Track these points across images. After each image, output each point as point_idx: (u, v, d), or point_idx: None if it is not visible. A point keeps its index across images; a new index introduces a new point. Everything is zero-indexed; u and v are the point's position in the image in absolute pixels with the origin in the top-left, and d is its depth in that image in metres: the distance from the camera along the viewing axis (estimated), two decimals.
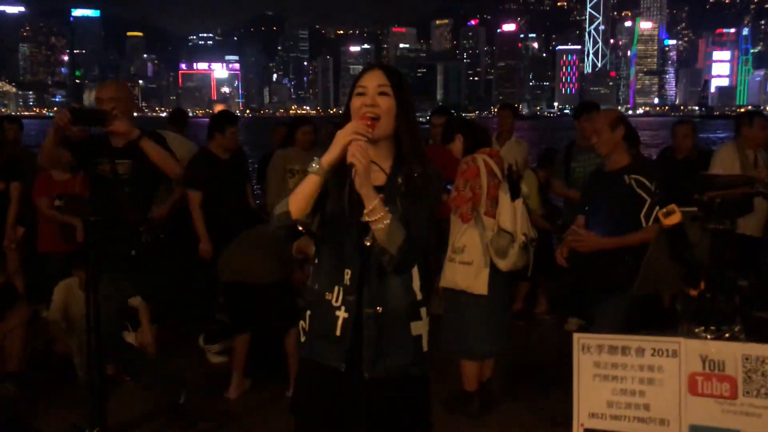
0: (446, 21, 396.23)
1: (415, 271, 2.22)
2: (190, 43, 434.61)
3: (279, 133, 6.86)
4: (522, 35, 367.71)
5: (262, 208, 6.27)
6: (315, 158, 2.09)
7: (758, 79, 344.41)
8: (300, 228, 2.15)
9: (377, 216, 2.02)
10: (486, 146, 4.24)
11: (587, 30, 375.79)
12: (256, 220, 4.94)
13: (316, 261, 2.27)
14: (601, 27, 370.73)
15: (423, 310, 2.23)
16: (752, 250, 5.65)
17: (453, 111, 9.28)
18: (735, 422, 2.04)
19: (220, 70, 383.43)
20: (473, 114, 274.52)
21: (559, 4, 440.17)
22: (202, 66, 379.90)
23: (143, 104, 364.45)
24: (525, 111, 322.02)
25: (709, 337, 2.13)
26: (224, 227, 5.20)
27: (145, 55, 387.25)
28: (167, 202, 5.70)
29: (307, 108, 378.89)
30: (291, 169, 5.76)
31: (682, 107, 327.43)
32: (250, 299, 4.47)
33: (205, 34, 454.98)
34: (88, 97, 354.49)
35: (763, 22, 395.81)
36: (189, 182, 5.29)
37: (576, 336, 2.20)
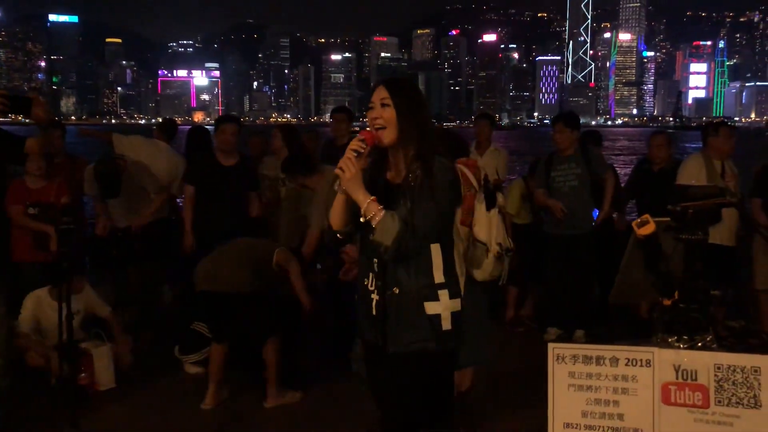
0: (428, 31, 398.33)
1: (436, 256, 2.47)
2: (169, 50, 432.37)
3: (255, 143, 6.90)
4: (503, 46, 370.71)
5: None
6: (338, 183, 2.46)
7: (734, 90, 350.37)
8: (339, 236, 2.58)
9: (370, 215, 2.35)
10: (463, 156, 4.24)
11: (567, 41, 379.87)
12: (253, 230, 4.93)
13: (361, 253, 2.63)
14: (581, 38, 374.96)
15: (443, 292, 2.46)
16: (724, 259, 5.67)
17: (434, 120, 9.36)
18: (707, 431, 2.05)
19: (199, 78, 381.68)
20: (454, 123, 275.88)
21: (539, 15, 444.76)
22: (181, 73, 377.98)
23: (122, 111, 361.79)
24: (506, 121, 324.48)
25: (682, 346, 2.14)
26: (215, 229, 5.22)
27: (123, 62, 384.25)
28: (146, 212, 5.67)
29: (288, 116, 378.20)
30: (267, 175, 5.80)
31: (660, 117, 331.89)
32: (225, 309, 4.45)
33: (185, 41, 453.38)
34: (65, 104, 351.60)
35: (738, 35, 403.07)
36: (185, 176, 5.67)
37: (551, 346, 2.21)
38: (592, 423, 2.14)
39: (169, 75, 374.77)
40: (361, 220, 2.39)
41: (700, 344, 2.14)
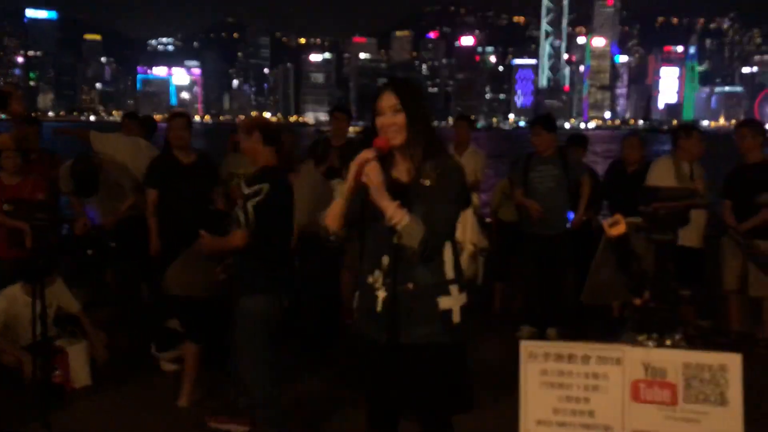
0: (406, 32, 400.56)
1: (447, 253, 2.57)
2: (149, 48, 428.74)
3: (234, 140, 6.59)
4: (480, 49, 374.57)
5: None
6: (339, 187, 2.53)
7: (704, 95, 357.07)
8: (332, 238, 2.65)
9: (396, 220, 2.41)
10: None
11: (542, 45, 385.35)
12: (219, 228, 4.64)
13: (363, 252, 2.68)
14: (556, 42, 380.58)
15: (453, 287, 2.57)
16: (692, 261, 5.67)
17: None
18: (675, 428, 2.08)
19: (179, 75, 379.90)
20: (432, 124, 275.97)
21: (515, 19, 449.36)
22: (161, 71, 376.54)
23: (100, 108, 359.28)
24: (482, 123, 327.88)
25: (651, 345, 2.17)
26: (181, 230, 4.93)
27: (102, 59, 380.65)
28: (118, 210, 5.62)
29: (268, 115, 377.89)
30: (235, 173, 5.80)
31: (632, 121, 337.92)
32: (198, 312, 4.43)
33: (165, 39, 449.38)
34: (43, 100, 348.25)
35: (708, 41, 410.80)
36: (146, 180, 5.44)
37: (523, 344, 2.21)
38: (564, 420, 2.15)
39: (149, 72, 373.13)
40: (386, 224, 2.43)
41: (669, 343, 2.17)
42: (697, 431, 2.06)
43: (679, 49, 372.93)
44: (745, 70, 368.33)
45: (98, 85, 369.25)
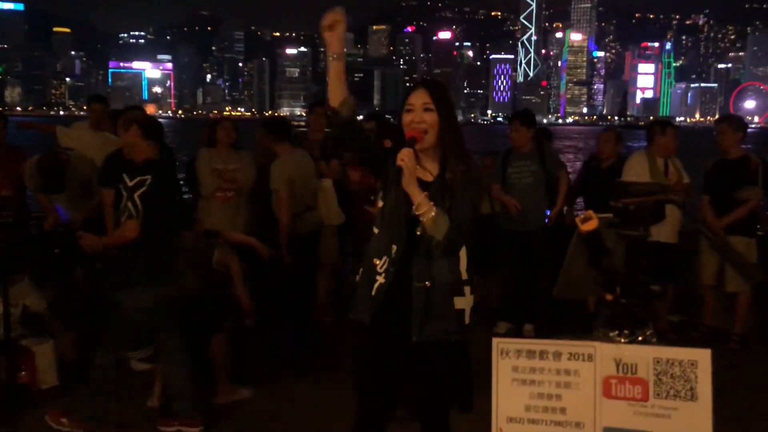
0: (383, 27, 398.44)
1: (462, 254, 2.61)
2: (120, 41, 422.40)
3: (206, 135, 6.78)
4: (457, 43, 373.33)
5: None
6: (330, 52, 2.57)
7: (680, 91, 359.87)
8: (335, 117, 2.60)
9: (423, 209, 2.45)
10: None
11: (520, 40, 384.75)
12: (183, 222, 4.79)
13: (375, 233, 2.72)
14: (534, 38, 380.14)
15: (467, 288, 2.61)
16: (666, 256, 5.80)
17: (390, 117, 9.33)
18: (646, 424, 2.09)
19: (151, 70, 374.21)
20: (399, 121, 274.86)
21: (493, 13, 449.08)
22: (133, 65, 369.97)
23: (70, 103, 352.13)
24: (460, 118, 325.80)
25: (623, 341, 2.19)
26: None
27: (72, 52, 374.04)
28: (86, 207, 5.53)
29: (242, 110, 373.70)
30: (215, 168, 5.67)
31: (609, 117, 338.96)
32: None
33: (136, 33, 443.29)
34: (10, 94, 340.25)
35: (684, 37, 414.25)
36: (100, 179, 5.37)
37: (495, 341, 2.24)
38: (536, 417, 2.16)
39: (121, 66, 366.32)
40: (413, 213, 2.49)
41: (640, 338, 2.19)
42: (668, 427, 2.08)
43: (656, 45, 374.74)
44: (721, 66, 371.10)
45: (68, 79, 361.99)
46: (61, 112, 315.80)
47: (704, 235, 2.65)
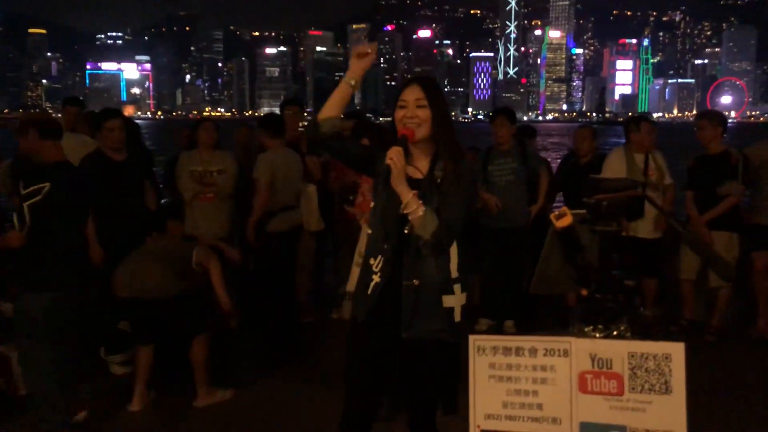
0: (363, 25, 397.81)
1: (453, 252, 2.59)
2: (98, 42, 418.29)
3: (186, 136, 6.73)
4: (437, 42, 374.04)
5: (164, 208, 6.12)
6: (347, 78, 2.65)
7: (657, 87, 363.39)
8: (315, 128, 2.62)
9: (412, 208, 2.46)
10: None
11: (499, 38, 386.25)
12: (155, 223, 4.74)
13: (370, 233, 2.72)
14: (513, 35, 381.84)
15: (457, 286, 2.60)
16: (649, 252, 5.87)
17: (370, 115, 9.32)
18: (621, 418, 2.11)
19: (130, 71, 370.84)
20: (391, 118, 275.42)
21: (472, 12, 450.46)
22: (111, 66, 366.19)
23: (47, 105, 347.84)
24: None
25: (597, 335, 2.20)
26: (118, 231, 5.07)
27: (48, 54, 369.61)
28: None
29: (222, 110, 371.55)
30: (192, 170, 5.61)
31: (588, 113, 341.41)
32: (149, 313, 4.36)
33: (114, 33, 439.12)
34: None
35: (661, 33, 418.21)
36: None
37: (471, 338, 2.24)
38: (513, 413, 2.17)
39: (98, 68, 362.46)
40: (401, 211, 2.49)
41: (615, 333, 2.21)
42: (643, 420, 2.10)
43: (633, 41, 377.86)
44: (697, 61, 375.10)
45: (44, 81, 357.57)
46: None
47: (675, 228, 2.71)
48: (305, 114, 6.77)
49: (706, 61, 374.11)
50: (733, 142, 6.67)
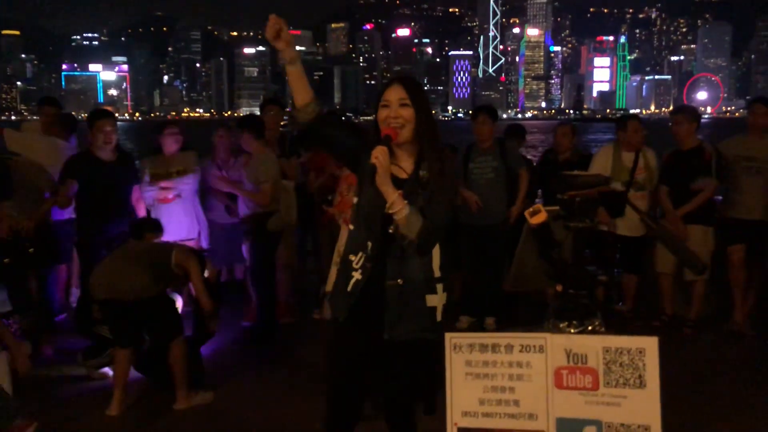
0: (342, 25, 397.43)
1: (435, 251, 2.58)
2: (73, 43, 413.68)
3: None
4: (416, 40, 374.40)
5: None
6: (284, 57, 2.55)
7: (635, 84, 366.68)
8: (306, 121, 2.55)
9: (397, 208, 2.42)
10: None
11: (478, 36, 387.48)
12: (133, 231, 4.74)
13: (351, 229, 2.70)
14: (492, 33, 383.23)
15: (440, 286, 2.59)
16: (632, 249, 5.89)
17: (351, 114, 9.31)
18: (596, 413, 2.12)
19: (106, 72, 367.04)
20: (371, 117, 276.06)
21: (450, 10, 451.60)
22: (87, 67, 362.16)
23: (22, 107, 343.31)
24: None
25: (572, 331, 2.23)
26: (100, 229, 5.11)
27: (23, 55, 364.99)
28: (35, 215, 5.41)
29: (201, 111, 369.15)
30: (155, 173, 5.69)
31: (567, 111, 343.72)
32: (127, 315, 4.31)
33: (90, 35, 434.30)
34: None
35: (638, 31, 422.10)
36: (64, 172, 5.31)
37: (448, 336, 2.25)
38: (489, 410, 2.18)
39: (74, 69, 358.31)
40: (386, 211, 2.46)
41: (590, 328, 2.23)
42: (618, 414, 2.12)
43: (610, 38, 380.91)
44: (673, 58, 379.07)
45: (19, 83, 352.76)
46: (13, 117, 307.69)
47: (644, 222, 2.79)
48: (285, 114, 6.74)
49: (682, 57, 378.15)
50: (709, 137, 6.72)
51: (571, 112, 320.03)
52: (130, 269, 4.31)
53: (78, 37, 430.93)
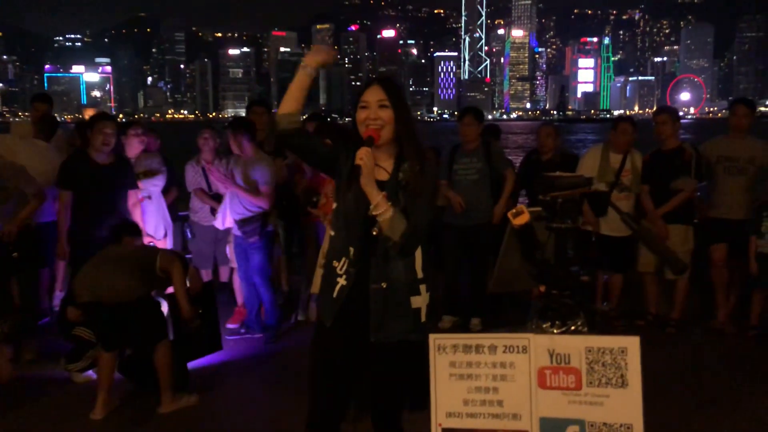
0: (327, 26, 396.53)
1: (418, 253, 2.59)
2: (56, 44, 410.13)
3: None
4: (401, 41, 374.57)
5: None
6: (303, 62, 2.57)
7: (619, 84, 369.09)
8: (288, 131, 2.54)
9: (381, 210, 2.42)
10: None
11: (463, 37, 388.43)
12: (112, 235, 4.74)
13: (333, 235, 2.68)
14: (477, 34, 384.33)
15: (423, 287, 2.60)
16: (619, 249, 5.89)
17: (336, 116, 9.32)
18: (579, 412, 2.14)
19: (90, 73, 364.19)
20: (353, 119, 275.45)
21: (435, 11, 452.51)
22: (70, 68, 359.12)
23: (4, 109, 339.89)
24: None
25: (555, 331, 2.24)
26: (92, 232, 5.08)
27: (5, 57, 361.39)
28: (17, 218, 5.36)
29: (185, 112, 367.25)
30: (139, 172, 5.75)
31: (551, 111, 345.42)
32: (111, 318, 4.29)
33: (72, 36, 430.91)
34: None
35: (621, 32, 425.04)
36: (60, 182, 5.31)
37: (432, 337, 2.25)
38: (473, 411, 2.19)
39: (57, 71, 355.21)
40: (370, 213, 2.46)
41: (572, 328, 2.25)
42: (600, 414, 2.13)
43: (594, 39, 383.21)
44: (657, 59, 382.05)
45: (1, 84, 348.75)
46: None
47: (624, 221, 2.80)
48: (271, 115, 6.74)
49: (665, 58, 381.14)
50: (692, 137, 6.78)
51: (555, 113, 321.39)
52: (113, 272, 4.29)
53: (60, 38, 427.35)
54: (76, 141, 6.36)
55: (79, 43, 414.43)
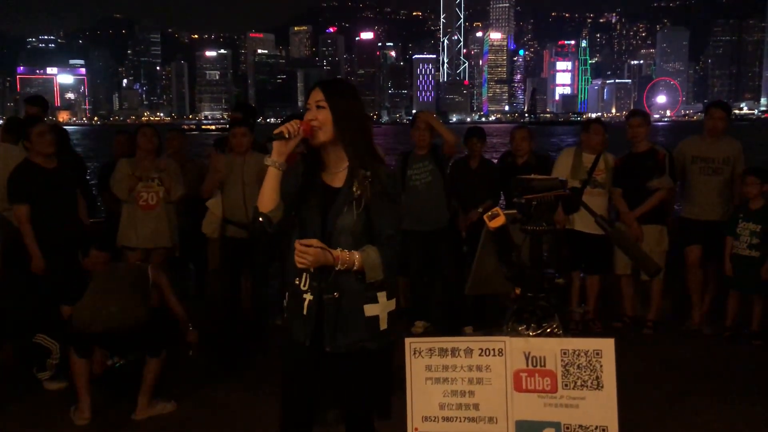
0: (305, 28, 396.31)
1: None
2: (29, 46, 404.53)
3: (119, 142, 6.61)
4: (380, 44, 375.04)
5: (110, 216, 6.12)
6: (268, 157, 2.53)
7: (596, 87, 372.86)
8: (269, 225, 2.51)
9: (348, 264, 2.43)
10: None
11: (441, 40, 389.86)
12: (81, 245, 4.70)
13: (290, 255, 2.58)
14: (455, 37, 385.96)
15: (381, 294, 2.56)
16: (595, 247, 5.81)
17: None
18: (555, 415, 2.14)
19: (63, 75, 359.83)
20: None
21: (414, 14, 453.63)
22: (43, 71, 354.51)
23: None
24: (385, 118, 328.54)
25: (531, 334, 2.23)
26: (55, 240, 5.00)
27: None
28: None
29: (161, 114, 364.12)
30: (131, 177, 5.61)
31: (528, 114, 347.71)
32: (119, 340, 4.31)
33: (45, 37, 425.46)
34: None
35: (598, 35, 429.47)
36: (13, 196, 5.07)
37: (408, 341, 2.24)
38: (449, 414, 2.18)
39: (29, 72, 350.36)
40: (338, 268, 2.43)
41: (548, 331, 2.25)
42: (576, 416, 2.13)
43: (572, 42, 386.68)
44: (633, 62, 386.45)
45: None
46: None
47: (601, 227, 2.85)
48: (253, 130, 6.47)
49: (641, 61, 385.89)
50: (670, 140, 6.85)
51: (530, 115, 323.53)
52: (112, 299, 4.26)
53: (33, 39, 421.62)
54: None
55: (53, 45, 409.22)
